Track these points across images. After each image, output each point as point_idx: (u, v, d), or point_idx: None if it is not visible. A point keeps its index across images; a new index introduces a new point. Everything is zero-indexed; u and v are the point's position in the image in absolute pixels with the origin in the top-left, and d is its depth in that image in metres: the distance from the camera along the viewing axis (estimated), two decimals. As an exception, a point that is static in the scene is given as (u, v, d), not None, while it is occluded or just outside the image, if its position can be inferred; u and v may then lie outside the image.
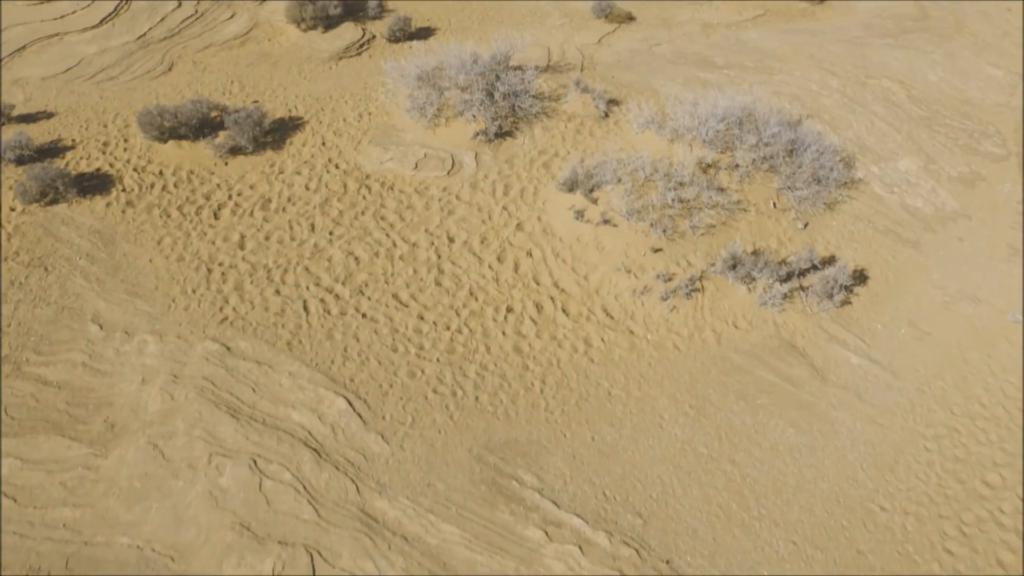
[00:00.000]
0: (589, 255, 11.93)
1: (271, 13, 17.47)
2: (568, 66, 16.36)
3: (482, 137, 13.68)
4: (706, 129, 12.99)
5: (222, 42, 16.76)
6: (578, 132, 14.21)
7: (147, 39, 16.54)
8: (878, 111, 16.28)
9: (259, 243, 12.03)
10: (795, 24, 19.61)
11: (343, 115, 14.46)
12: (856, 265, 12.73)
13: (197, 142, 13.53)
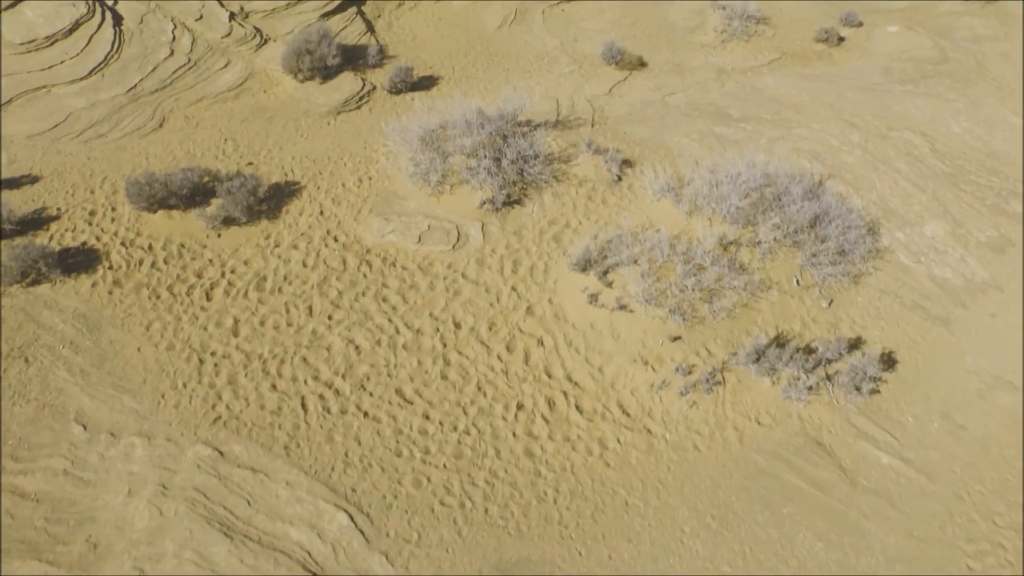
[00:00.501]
0: (604, 344, 11.41)
1: (267, 62, 16.94)
2: (578, 120, 15.85)
3: (489, 206, 13.17)
4: (727, 206, 12.47)
5: (216, 94, 16.23)
6: (590, 199, 13.69)
7: (138, 91, 15.99)
8: (901, 168, 15.78)
9: (254, 329, 11.50)
10: (812, 69, 19.10)
11: (342, 179, 13.94)
12: (884, 347, 12.23)
13: (188, 211, 13.00)
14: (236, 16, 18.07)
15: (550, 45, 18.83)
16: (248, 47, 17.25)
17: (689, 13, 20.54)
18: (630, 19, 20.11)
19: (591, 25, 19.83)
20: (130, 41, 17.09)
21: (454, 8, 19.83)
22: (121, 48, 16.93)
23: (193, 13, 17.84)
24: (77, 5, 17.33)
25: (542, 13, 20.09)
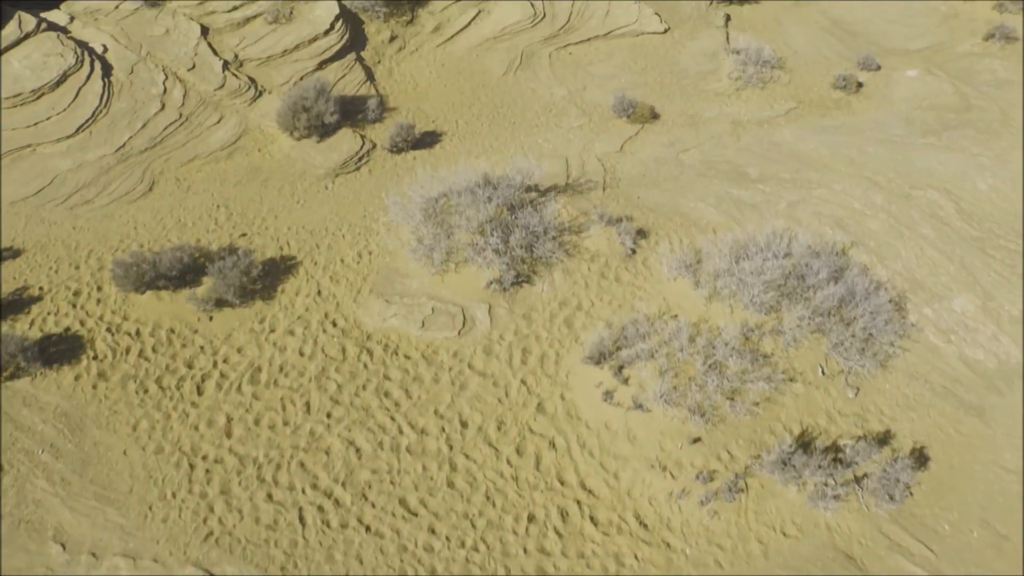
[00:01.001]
0: (619, 446, 10.88)
1: (262, 117, 16.42)
2: (588, 183, 15.33)
3: (496, 287, 12.65)
4: (749, 294, 11.94)
5: (208, 153, 15.70)
6: (603, 276, 13.17)
7: (127, 150, 15.47)
8: (927, 234, 15.26)
9: (248, 429, 10.96)
10: (830, 119, 18.60)
11: (341, 254, 13.41)
12: (915, 441, 11.71)
13: (179, 292, 12.48)
14: (230, 65, 17.55)
15: (558, 94, 18.31)
16: (242, 100, 16.72)
17: (701, 57, 20.04)
18: (640, 64, 19.61)
19: (599, 70, 19.32)
20: (119, 94, 16.57)
21: (457, 53, 19.32)
22: (110, 102, 16.41)
23: (185, 62, 17.33)
24: (65, 55, 16.83)
25: (549, 57, 19.59)
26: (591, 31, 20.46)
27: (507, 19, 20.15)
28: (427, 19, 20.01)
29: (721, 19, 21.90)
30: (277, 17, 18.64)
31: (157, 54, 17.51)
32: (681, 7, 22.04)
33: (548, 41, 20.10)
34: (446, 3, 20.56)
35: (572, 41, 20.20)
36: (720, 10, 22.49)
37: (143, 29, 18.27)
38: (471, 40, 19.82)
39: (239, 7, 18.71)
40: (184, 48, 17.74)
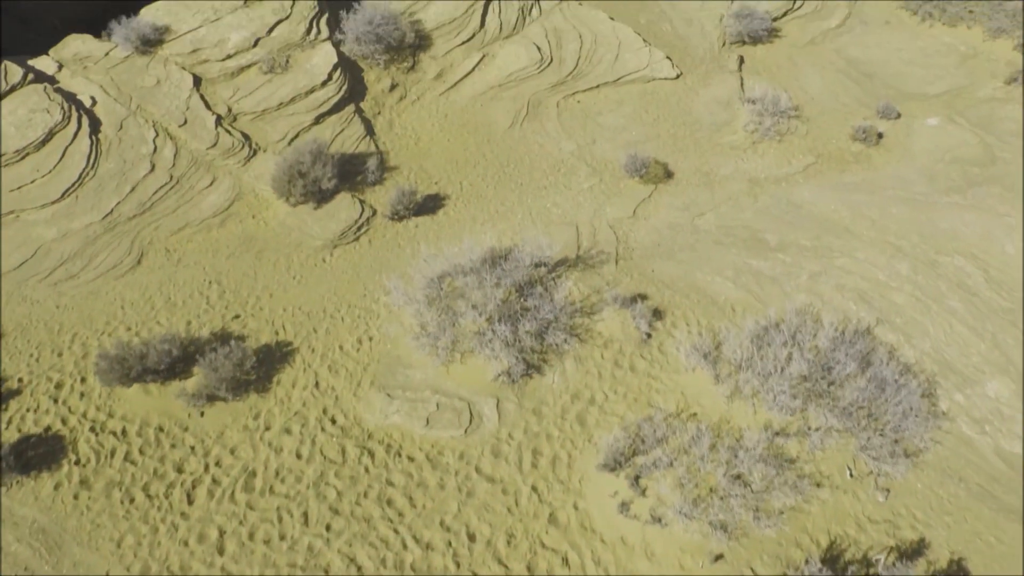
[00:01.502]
0: (637, 564, 10.35)
1: (256, 179, 15.89)
2: (601, 255, 14.80)
3: (505, 379, 12.12)
4: (772, 394, 11.43)
5: (200, 220, 15.17)
6: (617, 365, 12.64)
7: (114, 218, 14.93)
8: (956, 307, 14.76)
9: (241, 544, 10.41)
10: (850, 175, 18.09)
11: (339, 339, 12.87)
12: (952, 551, 11.18)
13: (167, 384, 11.94)
14: (223, 120, 17.02)
15: (566, 149, 17.79)
16: (236, 160, 16.19)
17: (716, 106, 19.54)
18: (651, 114, 19.10)
19: (610, 121, 18.81)
20: (108, 153, 16.04)
21: (461, 102, 18.82)
22: (98, 162, 15.88)
23: (177, 117, 16.81)
24: (52, 111, 16.32)
25: (556, 107, 19.08)
26: (600, 77, 19.96)
27: (513, 65, 19.65)
28: (429, 64, 19.50)
29: (735, 62, 21.40)
30: (273, 66, 18.12)
31: (148, 107, 16.98)
32: (693, 49, 21.55)
33: (555, 88, 19.59)
34: (449, 47, 20.06)
35: (580, 88, 19.70)
36: (734, 52, 22.00)
37: (134, 79, 17.75)
38: (475, 88, 19.31)
39: (233, 56, 18.19)
40: (176, 101, 17.22)
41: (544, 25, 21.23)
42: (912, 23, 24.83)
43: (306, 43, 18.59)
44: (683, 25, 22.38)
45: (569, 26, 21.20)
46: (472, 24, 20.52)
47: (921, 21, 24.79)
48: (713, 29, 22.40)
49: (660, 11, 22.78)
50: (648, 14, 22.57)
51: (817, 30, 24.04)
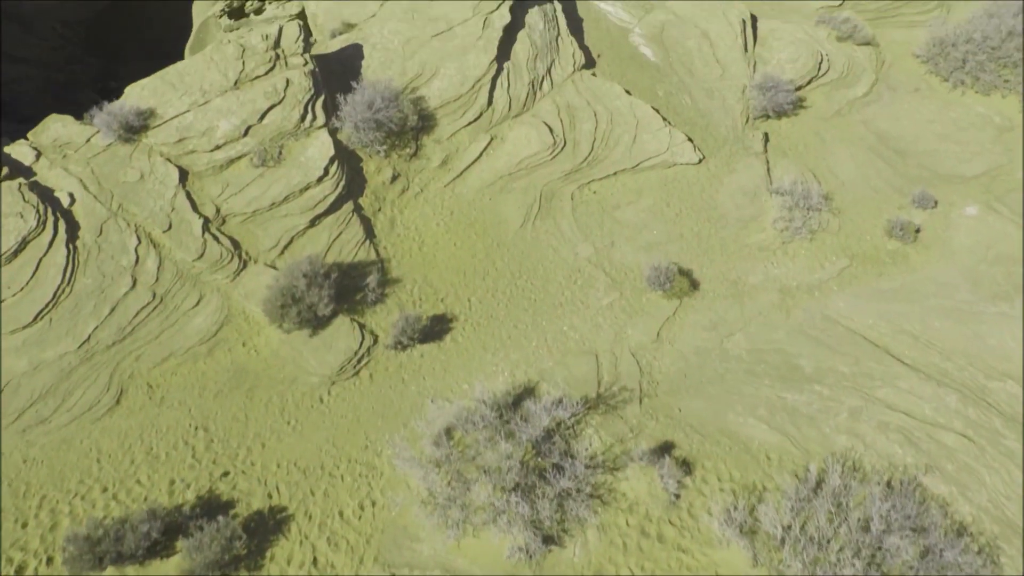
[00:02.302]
0: None
1: (246, 298, 15.03)
2: (623, 392, 13.98)
3: (521, 555, 11.26)
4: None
5: (185, 349, 14.29)
6: (643, 534, 11.81)
7: (92, 346, 14.05)
8: (1013, 448, 13.96)
9: None
10: (887, 279, 17.31)
11: (340, 503, 12.02)
12: None
13: (147, 565, 11.05)
14: (211, 223, 16.15)
15: (583, 254, 16.94)
16: (224, 274, 15.33)
17: (742, 198, 18.74)
18: (673, 207, 18.29)
19: (628, 216, 17.99)
20: (85, 265, 15.17)
21: (468, 194, 17.99)
22: (74, 276, 15.00)
23: (161, 220, 15.93)
24: (26, 215, 15.46)
25: (571, 199, 18.26)
26: (617, 163, 19.15)
27: (523, 150, 18.83)
28: (433, 149, 18.68)
29: (760, 142, 20.61)
30: (265, 158, 17.26)
31: (130, 207, 16.11)
32: (715, 127, 20.77)
33: (570, 177, 18.77)
34: (455, 128, 19.24)
35: (596, 176, 18.89)
36: (758, 129, 21.23)
37: (116, 172, 16.89)
38: (483, 176, 18.48)
39: (222, 147, 17.33)
40: (160, 201, 16.33)
41: (556, 101, 20.42)
42: (943, 90, 24.09)
43: (300, 131, 17.74)
44: (704, 98, 21.60)
45: (583, 102, 20.40)
46: (479, 102, 19.70)
47: (952, 88, 24.04)
48: (736, 103, 21.60)
49: (679, 81, 21.99)
50: (666, 85, 21.78)
51: (843, 99, 23.28)
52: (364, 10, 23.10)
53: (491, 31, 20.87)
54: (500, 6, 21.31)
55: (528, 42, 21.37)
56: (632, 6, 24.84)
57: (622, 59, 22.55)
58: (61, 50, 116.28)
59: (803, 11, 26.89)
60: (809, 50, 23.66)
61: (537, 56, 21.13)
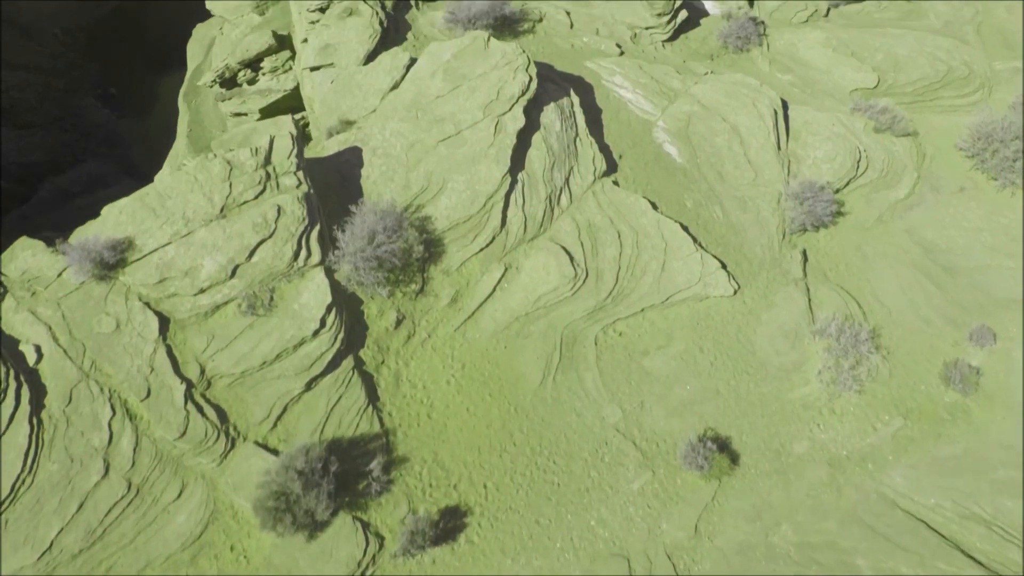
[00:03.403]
0: None
1: (234, 489, 13.78)
2: (661, 611, 12.77)
3: None
4: None
5: (165, 556, 13.06)
6: None
7: (54, 556, 12.81)
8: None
9: None
10: (947, 444, 16.16)
11: None
12: None
13: None
14: (194, 389, 14.92)
15: (610, 420, 15.74)
16: (210, 457, 14.09)
17: (781, 340, 17.58)
18: (707, 354, 17.11)
19: (658, 366, 16.79)
20: (51, 445, 13.93)
21: (481, 340, 16.77)
22: (38, 461, 13.76)
23: (138, 385, 14.72)
24: (-17, 383, 14.18)
25: (595, 344, 17.06)
26: (645, 297, 17.97)
27: (541, 285, 17.63)
28: (442, 283, 17.47)
29: (798, 264, 19.46)
30: (254, 305, 16.02)
31: (104, 366, 14.87)
32: (750, 245, 19.62)
33: (593, 316, 17.57)
34: (465, 256, 18.05)
35: (622, 315, 17.69)
36: (796, 246, 20.09)
37: (89, 318, 15.67)
38: (497, 317, 17.27)
39: (207, 290, 16.09)
40: (137, 360, 15.07)
41: (576, 219, 19.23)
42: (991, 190, 23.01)
43: (294, 271, 16.50)
44: (736, 209, 20.45)
45: (606, 220, 19.21)
46: (491, 224, 18.50)
47: (1001, 188, 22.96)
48: (771, 215, 20.46)
49: (708, 188, 20.84)
50: (695, 193, 20.63)
51: (884, 203, 22.16)
52: (364, 103, 21.95)
53: (504, 137, 19.68)
54: (513, 107, 20.13)
55: (544, 147, 20.18)
56: (654, 93, 23.70)
57: (646, 161, 21.39)
58: (61, 56, 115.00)
59: (836, 95, 25.83)
60: (847, 147, 22.54)
61: (554, 164, 19.94)
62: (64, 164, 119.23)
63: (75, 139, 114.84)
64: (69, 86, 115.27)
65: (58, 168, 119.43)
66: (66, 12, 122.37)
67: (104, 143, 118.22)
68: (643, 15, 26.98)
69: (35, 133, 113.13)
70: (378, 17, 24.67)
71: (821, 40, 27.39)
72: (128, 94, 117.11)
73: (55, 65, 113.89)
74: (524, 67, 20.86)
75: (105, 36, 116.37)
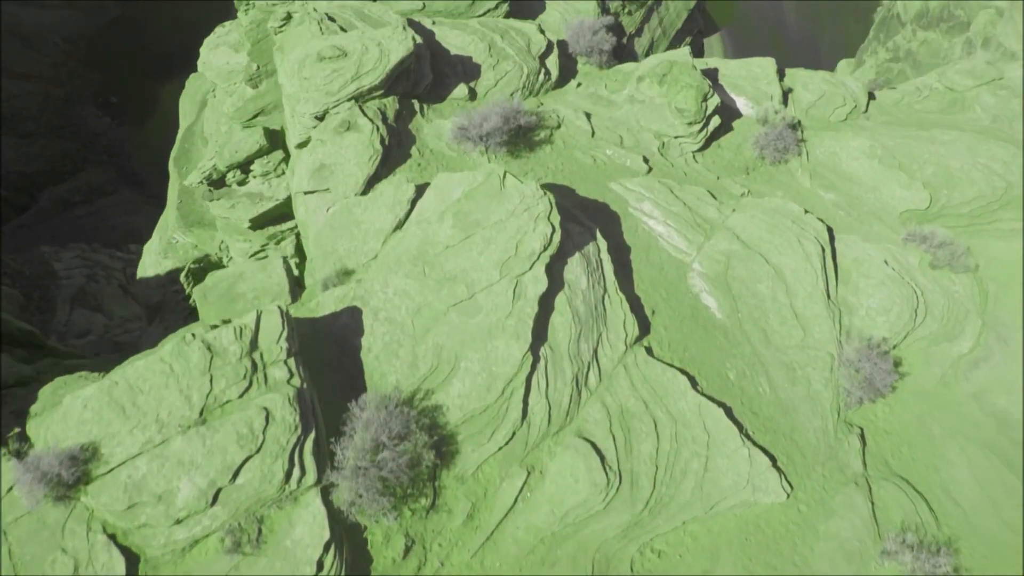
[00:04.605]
0: None
1: None
2: None
3: None
4: None
5: None
6: None
7: None
8: None
9: None
10: None
11: None
12: None
13: None
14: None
15: None
16: None
17: (844, 564, 15.76)
18: (761, 584, 15.32)
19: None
20: None
21: (503, 571, 14.94)
22: None
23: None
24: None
25: (631, 569, 15.27)
26: (686, 506, 16.16)
27: (569, 497, 15.83)
28: (456, 494, 15.69)
29: (857, 454, 17.69)
30: (239, 540, 14.20)
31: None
32: (801, 430, 17.85)
33: (628, 534, 15.76)
34: (481, 457, 16.25)
35: (661, 530, 15.88)
36: (852, 425, 18.34)
37: (42, 558, 13.94)
38: (520, 538, 15.46)
39: (183, 520, 14.27)
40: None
41: (606, 403, 17.42)
42: (1065, 339, 21.32)
43: (285, 495, 14.65)
44: (784, 380, 18.67)
45: (639, 404, 17.40)
46: (511, 415, 16.67)
47: (1077, 337, 21.30)
48: (823, 387, 18.69)
49: (752, 354, 19.07)
50: (737, 361, 18.86)
51: (946, 358, 20.40)
52: (364, 247, 20.11)
53: (523, 304, 17.88)
54: (534, 265, 18.34)
55: (569, 312, 18.39)
56: (688, 225, 21.94)
57: (682, 317, 19.62)
58: (62, 66, 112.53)
59: (885, 218, 24.06)
60: (903, 293, 20.78)
61: (581, 333, 18.13)
62: (64, 173, 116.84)
63: (75, 148, 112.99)
64: (70, 95, 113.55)
65: (58, 177, 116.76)
66: (68, 22, 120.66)
67: (104, 151, 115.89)
68: (671, 122, 25.15)
69: (35, 142, 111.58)
70: (379, 133, 22.81)
71: (865, 149, 25.61)
72: (128, 102, 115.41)
73: (56, 74, 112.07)
74: (546, 214, 19.10)
75: (106, 45, 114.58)
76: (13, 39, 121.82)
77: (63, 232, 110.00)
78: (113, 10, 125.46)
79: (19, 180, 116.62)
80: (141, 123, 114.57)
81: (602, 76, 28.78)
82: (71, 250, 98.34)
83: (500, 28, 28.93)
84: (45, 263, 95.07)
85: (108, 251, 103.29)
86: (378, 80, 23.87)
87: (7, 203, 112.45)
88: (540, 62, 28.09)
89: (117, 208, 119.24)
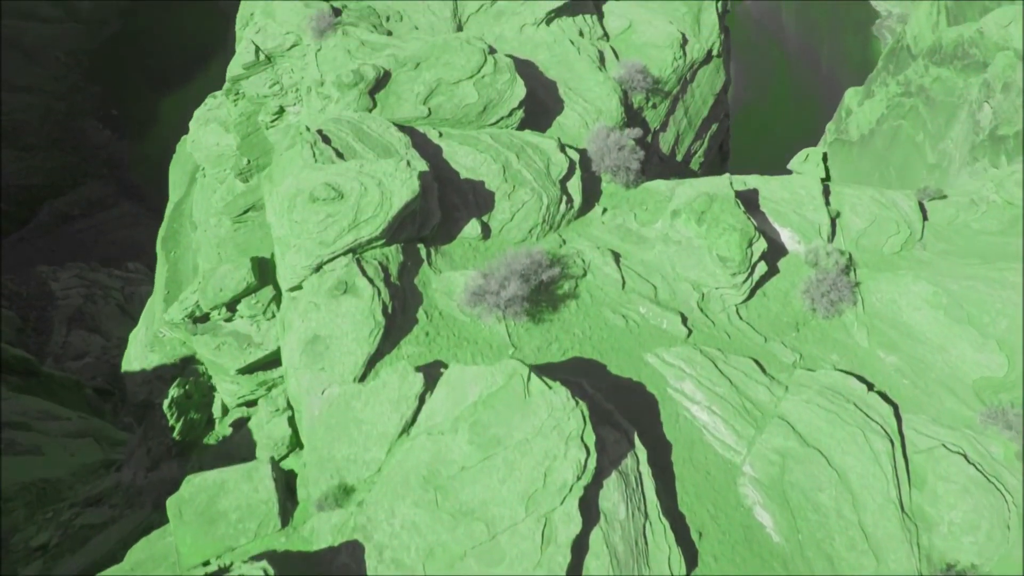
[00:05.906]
0: None
1: None
2: None
3: None
4: None
5: None
6: None
7: None
8: None
9: None
10: None
11: None
12: None
13: None
14: None
15: None
16: None
17: None
18: None
19: None
20: None
21: None
22: None
23: None
24: None
25: None
26: None
27: None
28: None
29: None
30: None
31: None
32: None
33: None
34: None
35: None
36: None
37: None
38: None
39: None
40: None
41: (651, 677, 15.13)
42: None
43: None
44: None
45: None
46: None
47: None
48: (904, 640, 16.37)
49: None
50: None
51: (1040, 582, 18.06)
52: (365, 455, 17.80)
53: (554, 552, 15.56)
54: (566, 499, 16.04)
55: (606, 553, 16.07)
56: (735, 412, 19.59)
57: (733, 542, 17.29)
58: (63, 79, 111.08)
59: (957, 389, 21.57)
60: (991, 504, 18.30)
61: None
62: (64, 186, 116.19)
63: (75, 161, 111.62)
64: (70, 108, 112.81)
65: (58, 190, 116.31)
66: (69, 36, 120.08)
67: (104, 164, 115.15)
68: (712, 270, 22.82)
69: (36, 155, 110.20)
70: (380, 300, 20.33)
71: (928, 297, 23.22)
72: (129, 115, 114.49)
73: (57, 87, 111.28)
74: (578, 433, 16.76)
75: (107, 58, 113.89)
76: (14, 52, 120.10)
77: (63, 246, 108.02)
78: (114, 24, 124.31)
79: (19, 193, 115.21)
80: (141, 136, 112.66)
81: (629, 199, 26.49)
82: (69, 269, 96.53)
83: (516, 145, 26.61)
84: (43, 283, 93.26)
85: (107, 270, 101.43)
86: (379, 231, 21.44)
87: (7, 216, 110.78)
88: (561, 187, 25.78)
89: (117, 222, 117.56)
